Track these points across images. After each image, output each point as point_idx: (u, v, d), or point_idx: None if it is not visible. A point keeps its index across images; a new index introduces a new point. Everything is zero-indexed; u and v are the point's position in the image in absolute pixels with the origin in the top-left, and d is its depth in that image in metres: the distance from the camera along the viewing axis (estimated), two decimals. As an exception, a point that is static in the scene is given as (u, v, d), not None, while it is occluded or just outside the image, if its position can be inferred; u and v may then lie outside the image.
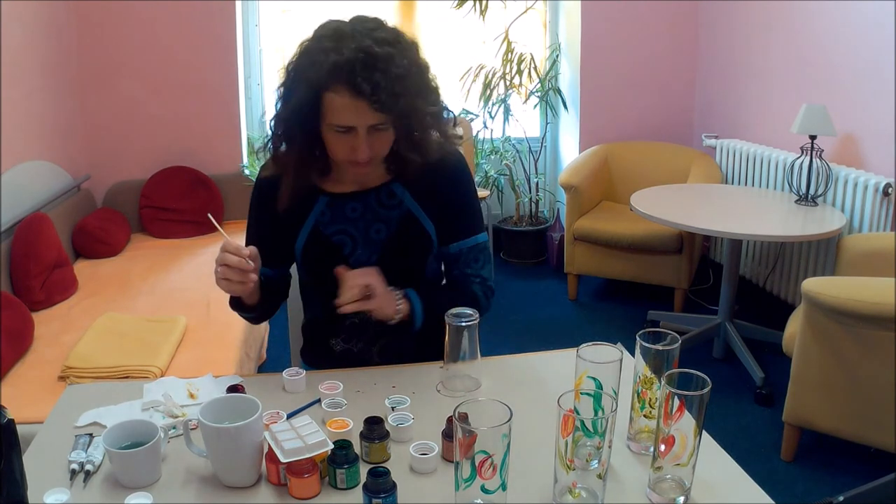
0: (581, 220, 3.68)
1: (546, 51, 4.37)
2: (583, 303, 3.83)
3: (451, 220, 1.48)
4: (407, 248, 1.45)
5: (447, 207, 1.47)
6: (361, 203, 1.43)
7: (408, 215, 1.44)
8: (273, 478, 1.05)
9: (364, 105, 1.23)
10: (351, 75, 1.21)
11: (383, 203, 1.44)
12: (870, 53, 2.92)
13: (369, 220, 1.44)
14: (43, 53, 3.37)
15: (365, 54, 1.22)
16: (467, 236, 1.48)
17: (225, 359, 2.35)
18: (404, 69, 1.25)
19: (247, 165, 4.07)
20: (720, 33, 3.98)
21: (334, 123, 1.27)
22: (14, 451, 0.92)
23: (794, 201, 3.13)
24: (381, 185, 1.44)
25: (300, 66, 1.28)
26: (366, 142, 1.28)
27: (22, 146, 3.10)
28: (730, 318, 3.07)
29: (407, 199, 1.45)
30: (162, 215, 3.73)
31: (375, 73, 1.21)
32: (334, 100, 1.24)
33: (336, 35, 1.25)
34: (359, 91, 1.22)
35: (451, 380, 1.32)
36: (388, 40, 1.25)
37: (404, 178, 1.44)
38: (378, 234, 1.44)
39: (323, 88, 1.24)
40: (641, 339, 1.09)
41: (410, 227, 1.45)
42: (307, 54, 1.27)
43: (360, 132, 1.28)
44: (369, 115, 1.25)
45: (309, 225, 1.44)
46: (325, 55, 1.23)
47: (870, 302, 2.06)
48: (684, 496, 1.00)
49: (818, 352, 2.23)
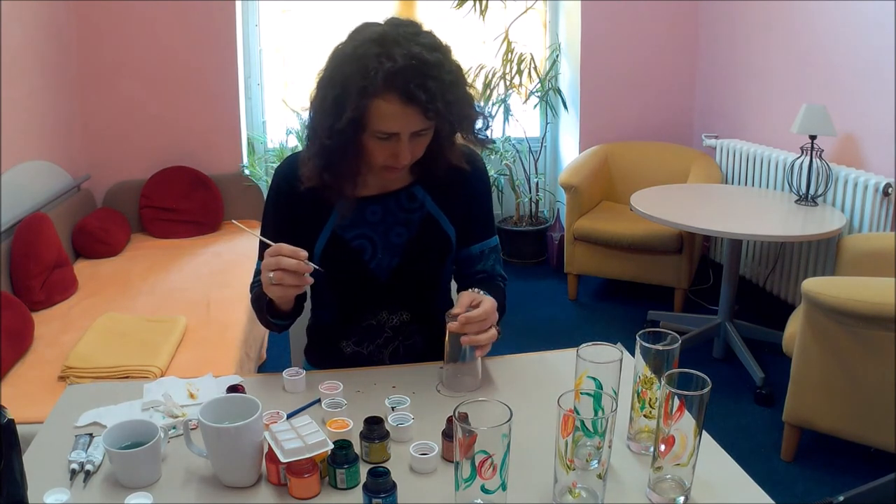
0: (581, 220, 3.68)
1: (546, 51, 4.37)
2: (583, 303, 3.83)
3: (473, 222, 1.49)
4: (427, 251, 1.44)
5: (469, 209, 1.48)
6: (381, 206, 1.42)
7: (428, 218, 1.44)
8: (273, 478, 1.05)
9: (414, 112, 1.22)
10: (404, 83, 1.19)
11: (404, 206, 1.43)
12: (870, 53, 2.92)
13: (390, 223, 1.42)
14: (43, 53, 3.37)
15: (417, 61, 1.19)
16: (488, 237, 1.52)
17: (225, 359, 2.35)
18: (454, 75, 1.24)
19: (247, 165, 4.07)
20: (720, 33, 3.98)
21: (380, 130, 1.25)
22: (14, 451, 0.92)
23: (794, 201, 3.13)
24: (401, 189, 1.43)
25: (346, 73, 1.23)
26: (407, 147, 1.27)
27: (22, 146, 3.10)
28: (730, 318, 3.07)
29: (428, 202, 1.44)
30: (162, 215, 3.73)
31: (428, 80, 1.20)
32: (383, 107, 1.22)
33: (382, 41, 1.22)
34: (411, 98, 1.20)
35: (451, 379, 1.32)
36: (434, 46, 1.24)
37: (427, 180, 1.43)
38: (399, 237, 1.43)
39: (373, 96, 1.21)
40: (641, 339, 1.09)
41: (431, 230, 1.44)
42: (354, 61, 1.23)
43: (404, 138, 1.26)
44: (417, 122, 1.24)
45: (328, 229, 1.41)
46: (377, 62, 1.20)
47: (870, 302, 2.06)
48: (684, 496, 1.00)
49: (818, 352, 2.23)
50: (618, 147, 4.09)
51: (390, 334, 1.47)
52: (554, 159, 4.61)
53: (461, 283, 1.55)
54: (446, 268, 1.51)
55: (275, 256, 1.22)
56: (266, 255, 1.25)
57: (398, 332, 1.47)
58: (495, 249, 1.54)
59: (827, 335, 2.19)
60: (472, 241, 1.50)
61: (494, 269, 1.54)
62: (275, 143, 4.24)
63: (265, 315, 1.39)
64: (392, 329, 1.46)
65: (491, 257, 1.52)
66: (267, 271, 1.23)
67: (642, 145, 4.10)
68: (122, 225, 3.59)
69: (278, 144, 4.17)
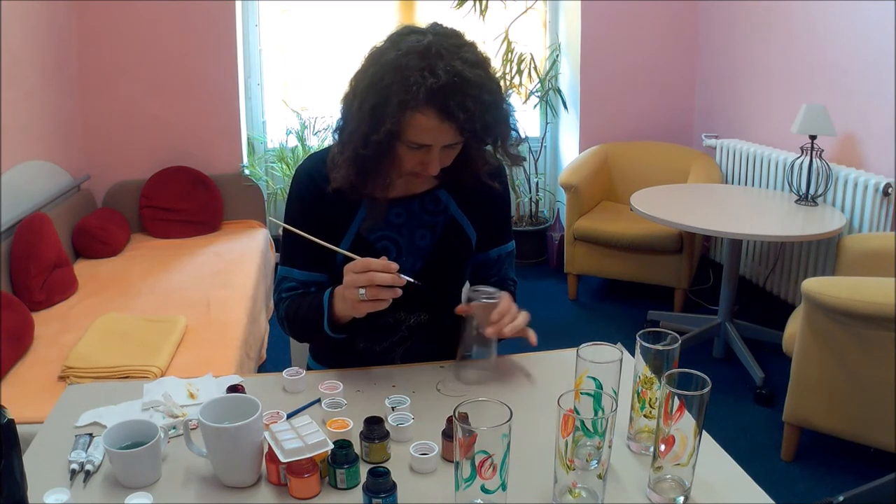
0: (581, 220, 3.68)
1: (546, 51, 4.37)
2: (583, 303, 3.83)
3: (493, 226, 1.50)
4: (450, 254, 1.45)
5: (491, 213, 1.49)
6: (405, 209, 1.42)
7: (452, 222, 1.44)
8: (273, 478, 1.05)
9: (450, 128, 1.22)
10: (444, 100, 1.19)
11: (427, 209, 1.43)
12: (870, 53, 2.92)
13: (414, 226, 1.43)
14: (43, 53, 3.37)
15: (459, 79, 1.19)
16: (506, 242, 1.54)
17: (225, 359, 2.35)
18: (494, 95, 1.24)
19: (247, 165, 4.07)
20: (720, 33, 3.98)
21: (413, 141, 1.25)
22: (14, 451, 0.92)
23: (794, 201, 3.13)
24: (425, 192, 1.43)
25: (387, 83, 1.22)
26: (437, 158, 1.28)
27: (22, 146, 3.10)
28: (730, 318, 3.07)
29: (452, 205, 1.45)
30: (162, 215, 3.73)
31: (467, 99, 1.20)
32: (421, 120, 1.22)
33: (426, 53, 1.21)
34: (450, 116, 1.20)
35: (463, 370, 1.34)
36: (476, 62, 1.24)
37: (451, 184, 1.43)
38: (423, 240, 1.43)
39: (413, 110, 1.21)
40: (641, 339, 1.09)
41: (454, 234, 1.45)
42: (396, 71, 1.21)
43: (435, 150, 1.27)
44: (451, 137, 1.25)
45: (353, 230, 1.41)
46: (420, 76, 1.19)
47: (870, 302, 2.06)
48: (684, 496, 1.00)
49: (818, 352, 2.23)
50: (618, 147, 4.09)
51: (406, 334, 1.47)
52: (554, 159, 4.61)
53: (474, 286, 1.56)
54: (466, 270, 1.52)
55: (365, 273, 1.21)
56: (350, 271, 1.24)
57: (414, 331, 1.46)
58: (511, 254, 1.56)
59: (827, 335, 2.19)
60: (491, 245, 1.52)
61: (507, 274, 1.56)
62: (275, 143, 4.24)
63: (323, 331, 1.35)
64: (408, 329, 1.46)
65: (507, 262, 1.55)
66: (354, 287, 1.22)
67: (642, 145, 4.10)
68: (122, 225, 3.59)
69: (278, 144, 4.17)
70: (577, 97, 4.18)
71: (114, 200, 3.80)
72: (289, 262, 1.45)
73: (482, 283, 1.51)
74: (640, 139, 4.18)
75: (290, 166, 4.03)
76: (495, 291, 1.31)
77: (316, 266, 1.43)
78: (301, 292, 1.44)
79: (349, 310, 1.28)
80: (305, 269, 1.44)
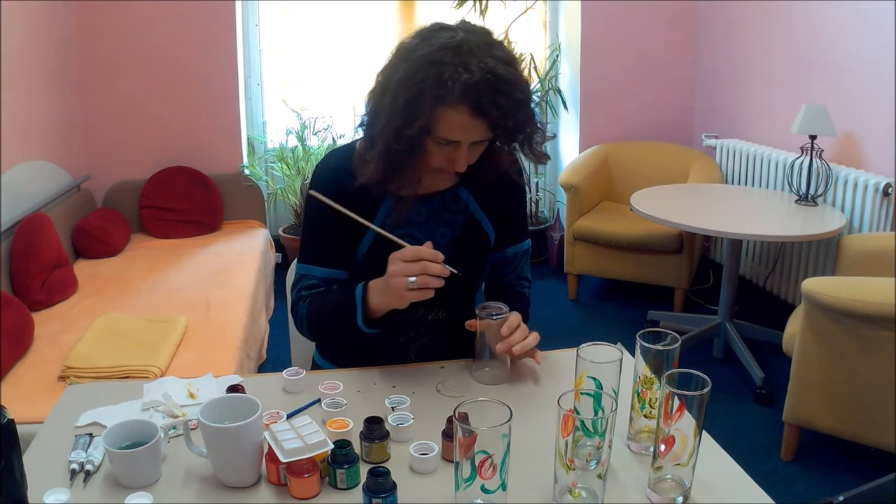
0: (581, 220, 3.68)
1: (546, 51, 4.37)
2: (583, 303, 3.83)
3: (511, 225, 1.51)
4: (470, 252, 1.45)
5: (510, 212, 1.50)
6: (426, 206, 1.42)
7: (471, 220, 1.45)
8: (273, 478, 1.05)
9: (481, 125, 1.23)
10: (478, 96, 1.20)
11: (448, 207, 1.44)
12: (870, 53, 2.92)
13: (435, 223, 1.43)
14: (43, 53, 3.37)
15: (492, 75, 1.20)
16: (523, 240, 1.55)
17: (225, 359, 2.35)
18: (524, 94, 1.25)
19: (247, 165, 4.07)
20: (720, 33, 3.98)
21: (443, 137, 1.25)
22: (14, 451, 0.92)
23: (794, 201, 3.13)
24: (446, 189, 1.44)
25: (421, 78, 1.22)
26: (465, 154, 1.29)
27: (22, 146, 3.10)
28: (730, 318, 3.07)
29: (472, 203, 1.45)
30: (162, 215, 3.73)
31: (500, 95, 1.21)
32: (452, 116, 1.22)
33: (459, 49, 1.22)
34: (482, 113, 1.21)
35: (481, 373, 1.35)
36: (508, 60, 1.25)
37: (471, 182, 1.43)
38: (443, 238, 1.43)
39: (446, 105, 1.21)
40: (641, 339, 1.09)
41: (474, 232, 1.45)
42: (430, 66, 1.21)
43: (464, 146, 1.27)
44: (481, 134, 1.26)
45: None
46: (455, 71, 1.20)
47: (870, 302, 2.06)
48: (684, 496, 1.00)
49: (818, 352, 2.23)
50: (618, 147, 4.09)
51: (423, 329, 1.46)
52: (554, 159, 4.61)
53: (490, 285, 1.57)
54: (485, 268, 1.52)
55: (417, 261, 1.22)
56: (399, 259, 1.24)
57: (431, 328, 1.46)
58: (527, 252, 1.57)
59: (827, 335, 2.19)
60: (508, 243, 1.53)
61: (523, 272, 1.58)
62: (275, 143, 4.24)
63: (354, 327, 1.34)
64: (426, 325, 1.46)
65: (522, 260, 1.56)
66: (403, 276, 1.22)
67: (642, 145, 4.10)
68: (122, 225, 3.59)
69: (278, 144, 4.17)
70: (577, 97, 4.18)
71: (114, 200, 3.80)
72: (309, 260, 1.43)
73: (498, 282, 1.54)
74: (640, 139, 4.18)
75: (289, 166, 4.03)
76: (504, 308, 1.31)
77: (337, 263, 1.42)
78: (323, 290, 1.43)
79: (393, 301, 1.28)
80: (327, 266, 1.42)
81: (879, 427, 2.16)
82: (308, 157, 4.05)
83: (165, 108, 3.90)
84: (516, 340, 1.29)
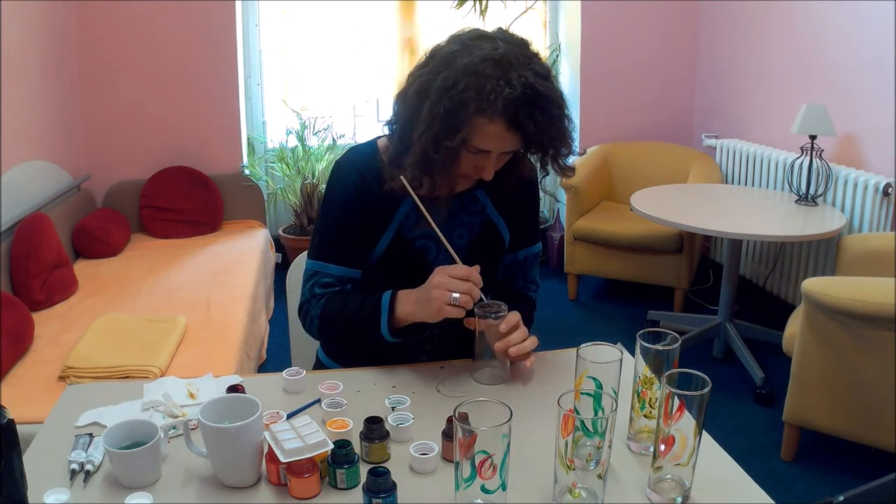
0: (581, 220, 3.68)
1: (546, 51, 4.37)
2: (583, 303, 3.83)
3: (524, 227, 1.52)
4: (486, 254, 1.46)
5: (524, 214, 1.51)
6: (445, 208, 1.43)
7: (488, 222, 1.46)
8: (273, 478, 1.05)
9: (515, 138, 1.24)
10: (515, 110, 1.21)
11: (466, 209, 1.44)
12: (870, 53, 2.92)
13: (453, 225, 1.43)
14: (43, 53, 3.37)
15: (531, 91, 1.21)
16: (535, 243, 1.56)
17: (225, 359, 2.35)
18: (560, 110, 1.26)
19: (247, 165, 4.07)
20: (720, 33, 3.98)
21: (476, 146, 1.26)
22: (14, 451, 0.92)
23: (794, 201, 3.13)
24: (465, 191, 1.44)
25: (462, 89, 1.21)
26: (493, 163, 1.30)
27: (22, 146, 3.10)
28: (730, 318, 3.07)
29: (489, 205, 1.46)
30: (162, 215, 3.73)
31: (536, 111, 1.21)
32: (489, 128, 1.23)
33: (501, 62, 1.21)
34: (518, 126, 1.22)
35: (481, 373, 1.35)
36: (545, 74, 1.25)
37: (488, 185, 1.43)
38: (461, 239, 1.44)
39: (485, 117, 1.22)
40: (641, 339, 1.09)
41: (490, 234, 1.46)
42: (472, 77, 1.21)
43: (493, 156, 1.28)
44: (513, 145, 1.27)
45: (393, 228, 1.40)
46: (497, 85, 1.20)
47: (870, 302, 2.06)
48: (684, 496, 1.00)
49: (818, 352, 2.23)
50: (618, 147, 4.09)
51: (436, 331, 1.46)
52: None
53: (499, 288, 1.57)
54: (499, 270, 1.53)
55: (466, 281, 1.24)
56: (447, 274, 1.25)
57: (445, 329, 1.45)
58: (537, 256, 1.59)
59: (827, 335, 2.19)
60: (521, 246, 1.54)
61: (532, 276, 1.59)
62: (275, 143, 4.24)
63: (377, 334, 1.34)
64: (439, 326, 1.43)
65: (532, 263, 1.58)
66: (446, 290, 1.24)
67: (642, 145, 4.10)
68: (122, 225, 3.59)
69: (278, 144, 4.17)
70: (577, 97, 4.18)
71: (114, 200, 3.80)
72: (323, 257, 1.42)
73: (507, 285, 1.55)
74: (640, 139, 4.18)
75: (289, 166, 4.03)
76: (504, 307, 1.31)
77: (354, 262, 1.42)
78: (339, 290, 1.42)
79: (430, 313, 1.27)
80: (342, 265, 1.41)
81: (879, 427, 2.16)
82: (308, 157, 4.05)
83: (165, 108, 3.90)
84: (515, 341, 1.28)
